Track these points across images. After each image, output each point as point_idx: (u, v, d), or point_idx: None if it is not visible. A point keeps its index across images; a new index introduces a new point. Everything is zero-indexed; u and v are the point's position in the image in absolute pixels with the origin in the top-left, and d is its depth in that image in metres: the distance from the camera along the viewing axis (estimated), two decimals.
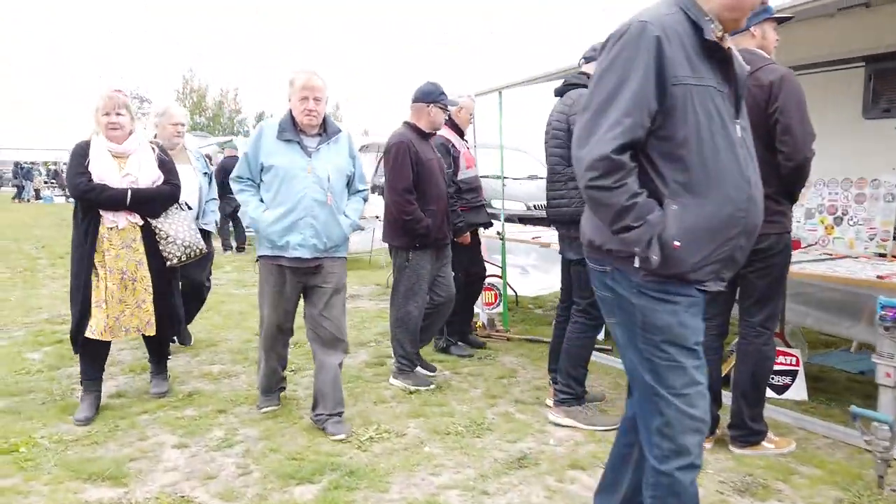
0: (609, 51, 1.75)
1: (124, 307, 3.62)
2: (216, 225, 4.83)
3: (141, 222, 3.63)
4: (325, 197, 3.29)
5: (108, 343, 3.71)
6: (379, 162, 15.05)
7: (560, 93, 3.56)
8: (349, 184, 3.50)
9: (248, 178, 3.41)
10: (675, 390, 1.78)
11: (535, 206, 10.73)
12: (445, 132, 4.49)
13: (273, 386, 3.76)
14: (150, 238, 3.68)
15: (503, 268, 5.77)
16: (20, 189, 28.36)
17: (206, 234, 4.70)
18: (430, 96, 4.12)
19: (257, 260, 3.47)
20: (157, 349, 4.05)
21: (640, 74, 1.68)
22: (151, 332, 3.72)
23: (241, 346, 5.09)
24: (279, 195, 3.28)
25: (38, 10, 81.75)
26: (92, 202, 3.53)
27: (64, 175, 32.16)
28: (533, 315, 6.62)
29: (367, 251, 10.10)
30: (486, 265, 5.43)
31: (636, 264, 1.71)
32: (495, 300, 6.15)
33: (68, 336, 5.35)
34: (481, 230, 4.98)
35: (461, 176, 4.41)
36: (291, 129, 3.30)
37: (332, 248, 3.39)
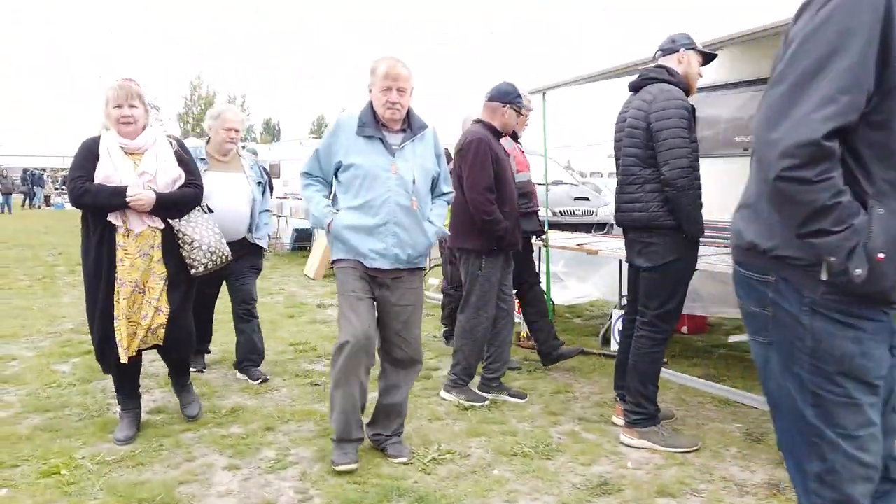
0: (818, 8, 1.39)
1: (132, 323, 3.24)
2: (269, 238, 4.47)
3: (161, 226, 3.25)
4: (409, 201, 2.93)
5: (138, 360, 3.38)
6: None
7: (636, 88, 3.33)
8: (433, 186, 3.16)
9: (318, 176, 3.08)
10: (846, 431, 1.49)
11: (560, 213, 10.54)
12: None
13: (352, 429, 3.02)
14: (170, 244, 3.29)
15: (547, 276, 5.55)
16: (29, 195, 28.29)
17: (257, 250, 4.39)
18: (508, 96, 3.94)
19: (332, 265, 3.11)
20: (175, 364, 3.61)
21: (862, 41, 1.33)
22: (155, 341, 3.33)
23: (277, 358, 4.88)
24: (359, 198, 2.92)
25: (38, 10, 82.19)
26: (89, 207, 3.15)
27: None
28: (572, 325, 6.39)
29: None
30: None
31: (823, 276, 1.42)
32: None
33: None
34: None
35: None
36: (373, 124, 2.94)
37: (415, 258, 3.05)
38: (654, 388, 3.31)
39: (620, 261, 5.35)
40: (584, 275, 7.09)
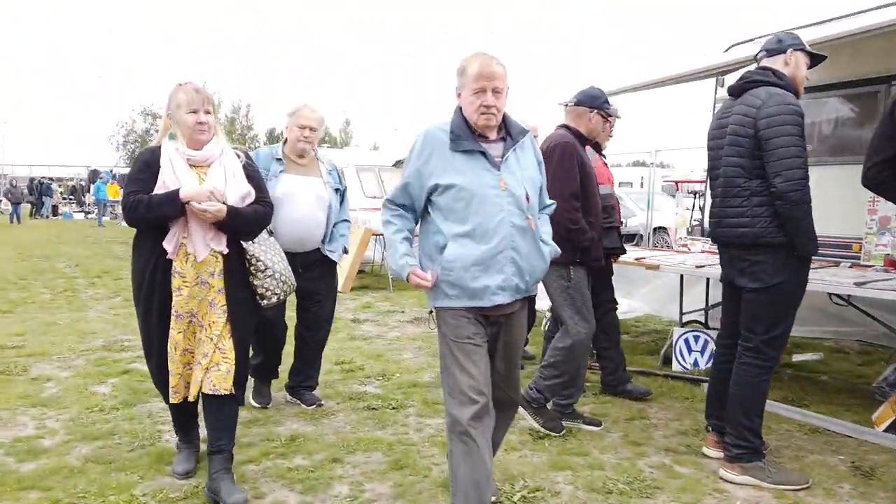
0: None
1: (189, 360, 2.87)
2: (345, 252, 4.06)
3: (226, 251, 2.85)
4: (525, 220, 2.46)
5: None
6: None
7: (738, 92, 3.09)
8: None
9: (405, 205, 2.56)
10: None
11: None
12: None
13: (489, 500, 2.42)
14: (236, 271, 2.90)
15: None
16: (37, 205, 28.11)
17: (329, 264, 3.97)
18: (596, 101, 3.73)
19: (431, 312, 2.58)
20: (219, 415, 2.91)
21: None
22: (206, 388, 2.85)
23: (325, 378, 4.61)
24: (467, 223, 2.40)
25: (37, 10, 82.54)
26: (143, 221, 2.76)
27: (82, 191, 32.17)
28: (622, 342, 6.13)
29: None
30: None
31: None
32: None
33: (133, 365, 5.02)
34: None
35: None
36: (469, 136, 2.46)
37: (531, 286, 2.57)
38: (760, 419, 3.06)
39: (682, 276, 5.12)
40: (630, 289, 6.86)
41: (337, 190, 3.95)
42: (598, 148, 4.19)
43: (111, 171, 32.33)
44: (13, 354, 5.16)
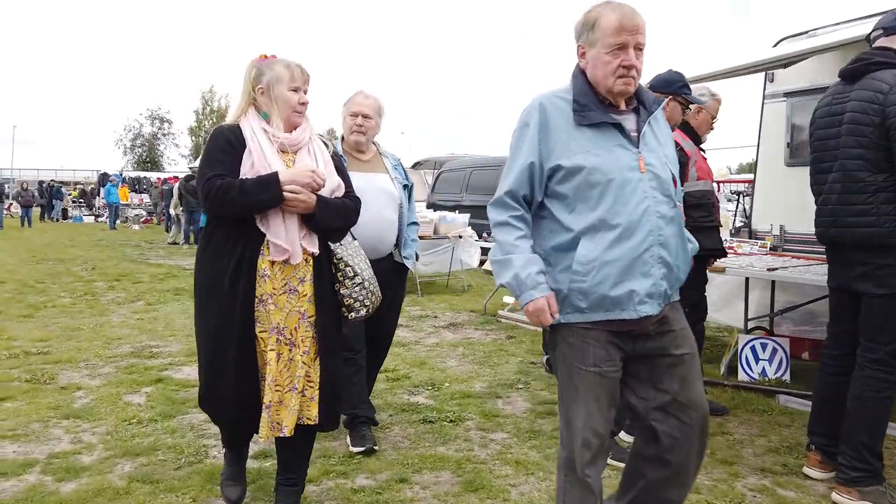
0: None
1: (277, 386, 2.37)
2: (417, 258, 3.61)
3: (317, 251, 2.43)
4: (674, 209, 2.02)
5: (258, 414, 2.40)
6: (436, 179, 14.35)
7: (852, 76, 2.78)
8: None
9: (522, 204, 2.01)
10: None
11: None
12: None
13: None
14: (326, 277, 2.48)
15: None
16: (48, 208, 27.95)
17: (401, 272, 3.49)
18: (672, 85, 3.37)
19: (549, 328, 2.03)
20: (298, 446, 2.50)
21: None
22: (307, 421, 2.42)
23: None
24: (602, 215, 1.93)
25: (41, 21, 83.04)
26: (233, 210, 2.27)
27: (91, 194, 32.01)
28: None
29: (444, 273, 9.34)
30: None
31: None
32: None
33: (165, 373, 4.74)
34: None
35: (688, 188, 3.53)
36: (597, 105, 1.98)
37: (678, 289, 2.10)
38: (881, 438, 2.76)
39: (747, 279, 4.82)
40: None
41: (405, 186, 3.51)
42: (697, 140, 3.83)
43: (121, 174, 32.23)
44: (39, 361, 4.90)
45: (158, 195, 23.43)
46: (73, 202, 31.45)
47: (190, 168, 19.53)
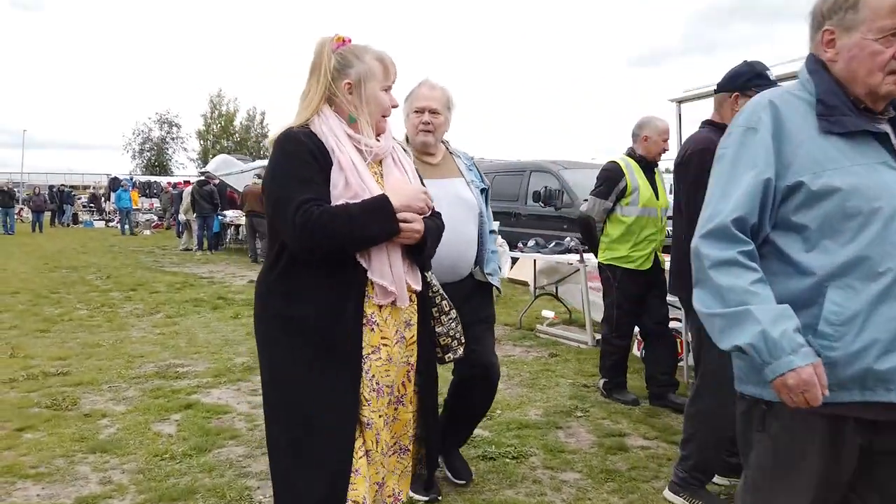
0: None
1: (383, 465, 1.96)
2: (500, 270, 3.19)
3: (419, 288, 1.99)
4: None
5: None
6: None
7: None
8: None
9: (749, 236, 1.49)
10: None
11: None
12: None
13: None
14: (426, 317, 2.05)
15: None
16: (58, 213, 27.78)
17: (487, 291, 2.97)
18: (736, 80, 2.81)
19: (764, 404, 1.53)
20: None
21: None
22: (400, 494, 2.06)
23: None
24: (861, 256, 1.43)
25: (49, 26, 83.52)
26: (337, 242, 1.78)
27: (103, 199, 31.82)
28: None
29: None
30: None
31: None
32: (682, 351, 5.03)
33: (194, 397, 4.39)
34: None
35: None
36: (851, 108, 1.50)
37: None
38: None
39: None
40: None
41: (482, 190, 2.94)
42: None
43: (131, 178, 32.03)
44: (58, 383, 4.59)
45: (168, 200, 23.23)
46: (84, 207, 31.29)
47: (201, 172, 19.22)
